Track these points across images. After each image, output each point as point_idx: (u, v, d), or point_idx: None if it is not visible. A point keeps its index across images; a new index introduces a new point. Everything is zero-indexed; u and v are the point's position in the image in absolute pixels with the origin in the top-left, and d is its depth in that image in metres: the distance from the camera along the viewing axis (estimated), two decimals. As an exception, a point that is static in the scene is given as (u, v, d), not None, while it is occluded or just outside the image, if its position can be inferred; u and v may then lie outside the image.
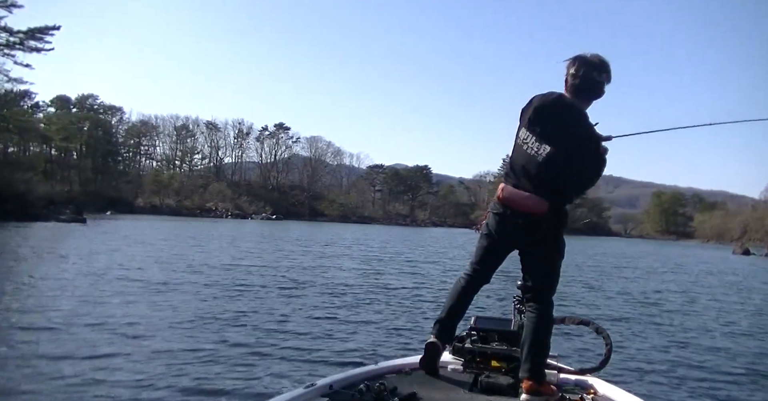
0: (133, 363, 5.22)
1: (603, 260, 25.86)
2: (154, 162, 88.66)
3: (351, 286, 11.52)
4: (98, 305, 7.92)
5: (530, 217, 2.69)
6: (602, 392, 2.77)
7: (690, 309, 11.11)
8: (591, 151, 2.71)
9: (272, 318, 7.70)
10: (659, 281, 17.21)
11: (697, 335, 8.46)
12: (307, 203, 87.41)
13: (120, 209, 58.91)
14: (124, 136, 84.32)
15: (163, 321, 7.17)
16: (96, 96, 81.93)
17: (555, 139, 2.64)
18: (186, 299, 8.83)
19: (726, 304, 12.35)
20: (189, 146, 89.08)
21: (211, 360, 5.40)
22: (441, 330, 2.96)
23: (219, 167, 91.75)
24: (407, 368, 2.96)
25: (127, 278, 10.64)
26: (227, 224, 50.08)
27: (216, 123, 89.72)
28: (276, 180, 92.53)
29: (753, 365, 6.75)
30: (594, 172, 2.78)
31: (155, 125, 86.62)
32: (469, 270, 3.00)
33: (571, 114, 2.69)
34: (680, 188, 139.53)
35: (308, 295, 10.06)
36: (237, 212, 74.62)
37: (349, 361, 5.46)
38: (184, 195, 75.67)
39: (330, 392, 2.50)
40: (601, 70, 2.71)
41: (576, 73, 2.70)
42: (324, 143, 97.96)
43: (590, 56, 2.73)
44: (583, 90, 2.72)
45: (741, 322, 10.06)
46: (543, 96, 2.76)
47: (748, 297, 14.30)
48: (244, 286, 10.63)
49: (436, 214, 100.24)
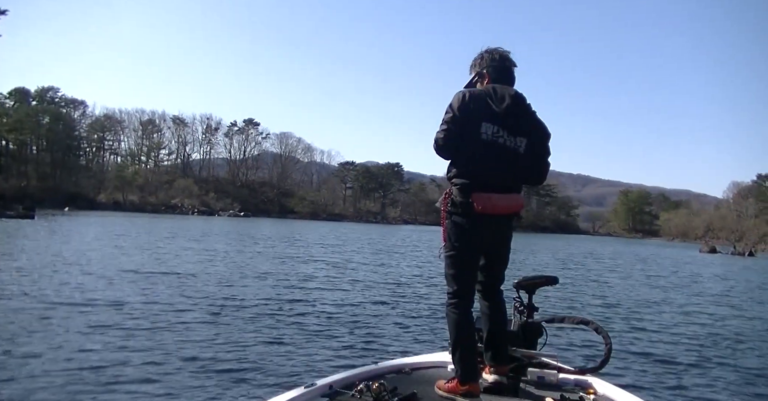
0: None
1: (587, 262, 25.71)
2: (118, 157, 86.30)
3: (350, 286, 11.08)
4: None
5: (513, 216, 2.76)
6: (602, 391, 2.76)
7: (690, 311, 10.77)
8: (549, 138, 2.82)
9: (272, 318, 7.38)
10: (652, 281, 16.85)
11: (698, 335, 8.31)
12: (277, 200, 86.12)
13: (80, 206, 57.25)
14: (87, 130, 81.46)
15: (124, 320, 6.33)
16: (57, 89, 79.22)
17: (527, 131, 2.70)
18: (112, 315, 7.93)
19: (730, 307, 12.06)
20: (155, 141, 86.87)
21: (210, 361, 5.19)
22: (471, 371, 2.65)
23: (186, 163, 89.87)
24: (407, 368, 3.00)
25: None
26: (191, 220, 48.76)
27: (183, 118, 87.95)
28: (245, 177, 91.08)
29: (752, 363, 6.67)
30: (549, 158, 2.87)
31: (120, 119, 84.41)
32: (461, 299, 2.70)
33: (529, 104, 2.76)
34: (646, 187, 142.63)
35: (308, 294, 9.64)
36: (204, 208, 73.03)
37: (349, 361, 5.34)
38: (149, 191, 73.73)
39: (330, 392, 2.52)
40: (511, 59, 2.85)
41: (503, 64, 2.80)
42: (294, 139, 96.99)
43: (500, 48, 2.84)
44: (512, 78, 2.81)
45: (746, 325, 9.89)
46: (503, 88, 2.72)
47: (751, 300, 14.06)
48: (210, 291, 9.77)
49: (407, 212, 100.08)
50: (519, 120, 2.67)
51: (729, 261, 34.53)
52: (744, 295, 14.74)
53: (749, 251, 49.16)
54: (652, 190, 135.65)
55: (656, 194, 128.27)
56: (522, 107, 2.71)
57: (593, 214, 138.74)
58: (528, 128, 2.71)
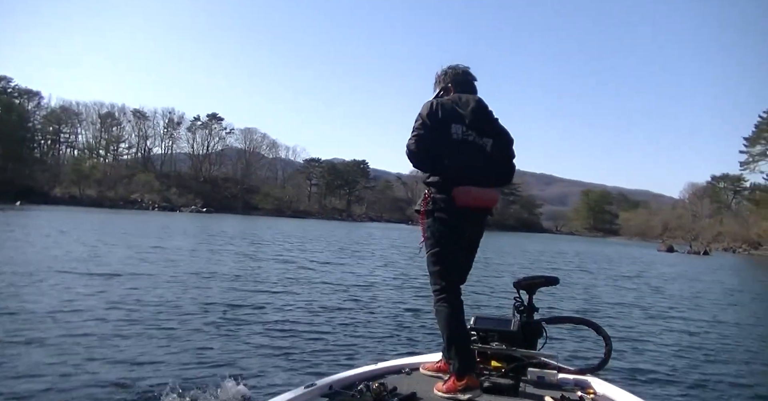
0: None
1: (557, 261, 25.77)
2: (75, 151, 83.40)
3: (350, 285, 10.86)
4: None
5: (490, 210, 2.94)
6: (601, 391, 2.79)
7: (677, 312, 10.79)
8: (513, 143, 3.00)
9: (272, 318, 7.25)
10: (631, 282, 16.79)
11: (694, 334, 8.41)
12: (241, 197, 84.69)
13: (33, 200, 55.08)
14: (42, 122, 78.55)
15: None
16: (10, 78, 75.80)
17: (492, 133, 2.90)
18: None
19: (712, 306, 12.19)
20: (114, 134, 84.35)
21: (209, 361, 5.15)
22: (468, 364, 2.70)
23: (147, 158, 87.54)
24: (407, 368, 3.02)
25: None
26: (151, 216, 47.42)
27: (144, 112, 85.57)
28: (208, 172, 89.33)
29: (751, 362, 6.78)
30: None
31: (77, 111, 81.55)
32: (449, 294, 2.76)
33: (491, 111, 2.96)
34: (607, 187, 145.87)
35: (309, 293, 9.51)
36: (165, 204, 71.20)
37: (349, 361, 5.34)
38: (107, 186, 71.55)
39: (330, 392, 2.53)
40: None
41: (466, 78, 3.06)
42: (259, 134, 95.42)
43: (461, 64, 3.12)
44: (474, 90, 3.05)
45: (734, 321, 10.05)
46: (467, 96, 2.93)
47: (731, 296, 14.39)
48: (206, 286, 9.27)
49: (373, 209, 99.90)
50: (483, 124, 2.88)
51: (687, 260, 35.24)
52: (729, 296, 14.93)
53: (704, 250, 50.66)
54: (612, 190, 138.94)
55: (616, 194, 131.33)
56: (486, 113, 2.92)
57: (556, 213, 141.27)
58: (492, 132, 2.91)
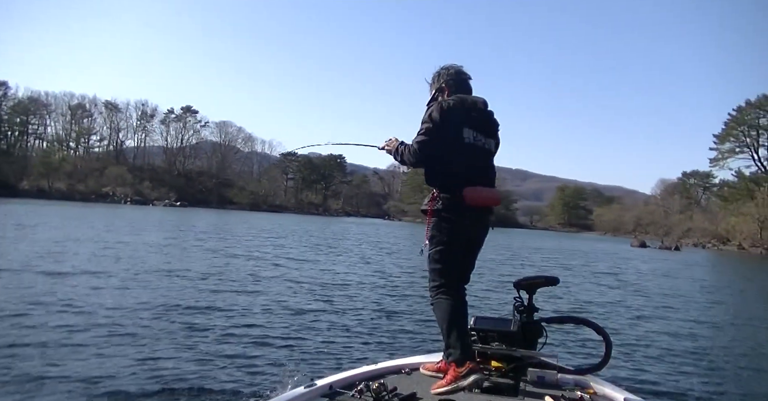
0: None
1: (535, 258, 25.83)
2: (44, 143, 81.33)
3: (349, 285, 10.74)
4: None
5: (492, 209, 3.03)
6: (601, 391, 2.81)
7: (672, 312, 10.76)
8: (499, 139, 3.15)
9: (271, 317, 7.16)
10: (605, 280, 16.42)
11: (693, 333, 8.40)
12: (216, 190, 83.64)
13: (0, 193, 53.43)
14: (9, 113, 76.55)
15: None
16: (-26, 67, 73.73)
17: (493, 134, 3.07)
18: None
19: (705, 303, 12.27)
20: (85, 126, 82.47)
21: (209, 361, 5.07)
22: (468, 351, 2.75)
23: (119, 150, 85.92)
24: (407, 368, 3.03)
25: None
26: (123, 209, 46.41)
27: (116, 103, 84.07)
28: (182, 165, 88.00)
29: (750, 362, 6.80)
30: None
31: (46, 102, 79.58)
32: (449, 289, 2.83)
33: (492, 110, 3.09)
34: (581, 183, 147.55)
35: (308, 294, 9.29)
36: (138, 198, 69.98)
37: (349, 361, 5.34)
38: (78, 179, 69.95)
39: (330, 392, 2.54)
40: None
41: (460, 77, 3.13)
42: (234, 128, 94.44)
43: (454, 64, 3.20)
44: (470, 89, 3.15)
45: (730, 320, 10.11)
46: (473, 98, 3.04)
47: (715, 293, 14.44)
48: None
49: (349, 203, 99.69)
50: (489, 126, 3.04)
51: (660, 256, 35.67)
52: (721, 292, 15.08)
53: (675, 245, 51.54)
54: (586, 186, 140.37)
55: (591, 189, 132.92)
56: (490, 115, 3.07)
57: (531, 208, 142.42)
58: (494, 131, 3.08)
